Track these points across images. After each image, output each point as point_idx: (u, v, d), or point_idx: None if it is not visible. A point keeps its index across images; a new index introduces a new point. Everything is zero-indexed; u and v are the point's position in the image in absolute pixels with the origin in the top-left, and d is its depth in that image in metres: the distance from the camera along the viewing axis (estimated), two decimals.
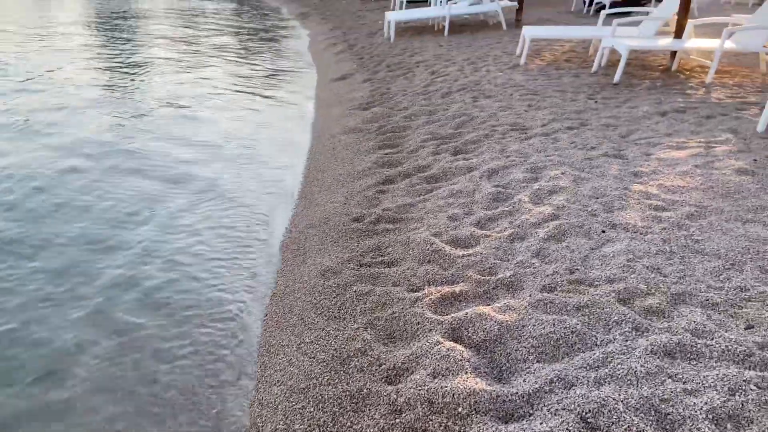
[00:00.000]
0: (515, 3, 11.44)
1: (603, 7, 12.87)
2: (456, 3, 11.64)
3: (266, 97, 8.41)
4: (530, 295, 2.67)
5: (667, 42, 6.77)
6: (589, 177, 3.95)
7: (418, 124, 5.94)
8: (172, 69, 10.14)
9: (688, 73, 7.02)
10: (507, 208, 3.62)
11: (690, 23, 7.11)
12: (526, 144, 4.82)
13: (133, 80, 9.18)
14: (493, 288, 2.84)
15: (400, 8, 14.10)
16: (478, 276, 2.94)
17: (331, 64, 10.49)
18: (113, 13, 18.61)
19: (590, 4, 13.52)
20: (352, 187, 4.63)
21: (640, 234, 3.11)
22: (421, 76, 8.06)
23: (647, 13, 8.43)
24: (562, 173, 4.03)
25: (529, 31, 8.06)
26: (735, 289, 2.55)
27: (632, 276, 2.71)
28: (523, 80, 7.13)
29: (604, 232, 3.15)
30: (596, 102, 5.93)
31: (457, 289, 2.86)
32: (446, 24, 11.02)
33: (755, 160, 4.01)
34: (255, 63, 10.97)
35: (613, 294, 2.59)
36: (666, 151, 4.36)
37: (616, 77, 6.62)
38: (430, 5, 13.87)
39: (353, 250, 3.55)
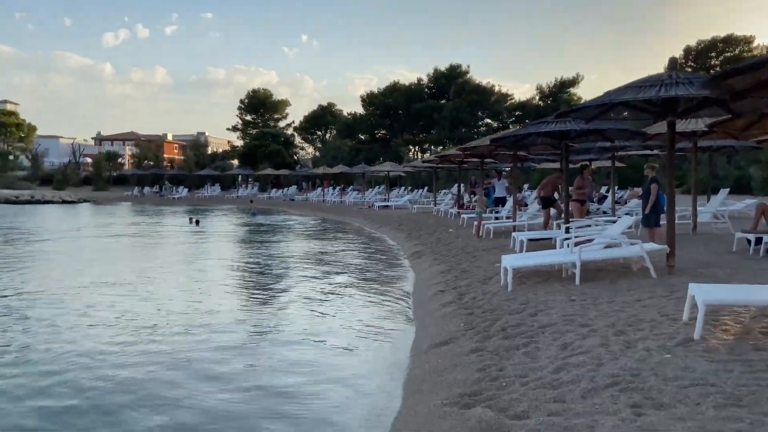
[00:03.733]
0: (665, 247, 9.26)
1: None
2: (588, 246, 9.69)
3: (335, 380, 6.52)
4: None
5: None
6: None
7: None
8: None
9: None
10: None
11: None
12: None
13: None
14: None
15: (520, 249, 12.41)
16: None
17: (435, 320, 8.61)
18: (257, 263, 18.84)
19: (757, 243, 11.02)
20: None
21: None
22: (547, 352, 5.84)
23: None
24: None
25: (702, 294, 5.74)
26: None
27: None
28: (709, 371, 4.69)
29: None
30: None
31: None
32: (577, 271, 8.98)
33: None
34: (350, 317, 9.41)
35: None
36: None
37: None
38: (555, 244, 12.05)
39: None
